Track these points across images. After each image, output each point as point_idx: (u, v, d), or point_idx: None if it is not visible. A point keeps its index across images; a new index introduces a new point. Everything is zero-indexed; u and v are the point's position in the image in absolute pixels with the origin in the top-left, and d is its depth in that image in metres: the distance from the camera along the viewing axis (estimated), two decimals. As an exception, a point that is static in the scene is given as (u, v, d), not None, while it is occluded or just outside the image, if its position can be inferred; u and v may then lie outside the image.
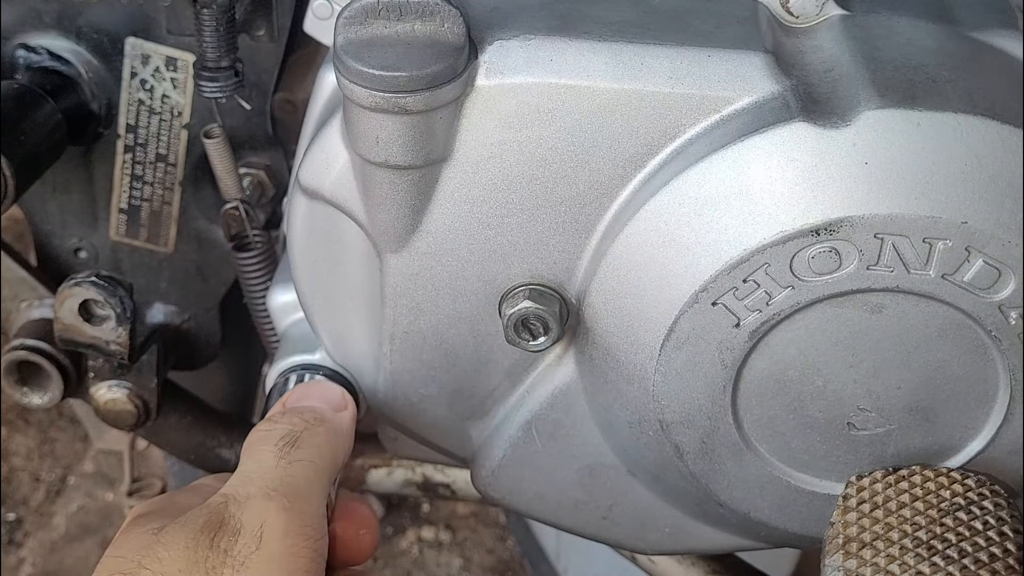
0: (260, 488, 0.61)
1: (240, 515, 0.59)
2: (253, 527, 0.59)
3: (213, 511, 0.60)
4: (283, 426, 0.65)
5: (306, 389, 0.71)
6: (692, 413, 0.66)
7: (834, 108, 0.60)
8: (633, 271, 0.64)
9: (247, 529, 0.59)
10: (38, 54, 0.85)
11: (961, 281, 0.60)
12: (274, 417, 0.66)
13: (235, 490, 0.61)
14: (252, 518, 0.59)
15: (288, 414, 0.66)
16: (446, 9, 0.61)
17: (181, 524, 0.59)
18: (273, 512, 0.59)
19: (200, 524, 0.59)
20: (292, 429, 0.64)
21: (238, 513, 0.60)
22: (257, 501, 0.60)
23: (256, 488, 0.61)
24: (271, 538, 0.59)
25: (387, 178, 0.64)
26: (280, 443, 0.63)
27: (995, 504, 0.64)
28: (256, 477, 0.61)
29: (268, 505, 0.60)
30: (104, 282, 0.80)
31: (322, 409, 0.68)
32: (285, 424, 0.65)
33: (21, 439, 1.73)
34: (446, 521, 1.67)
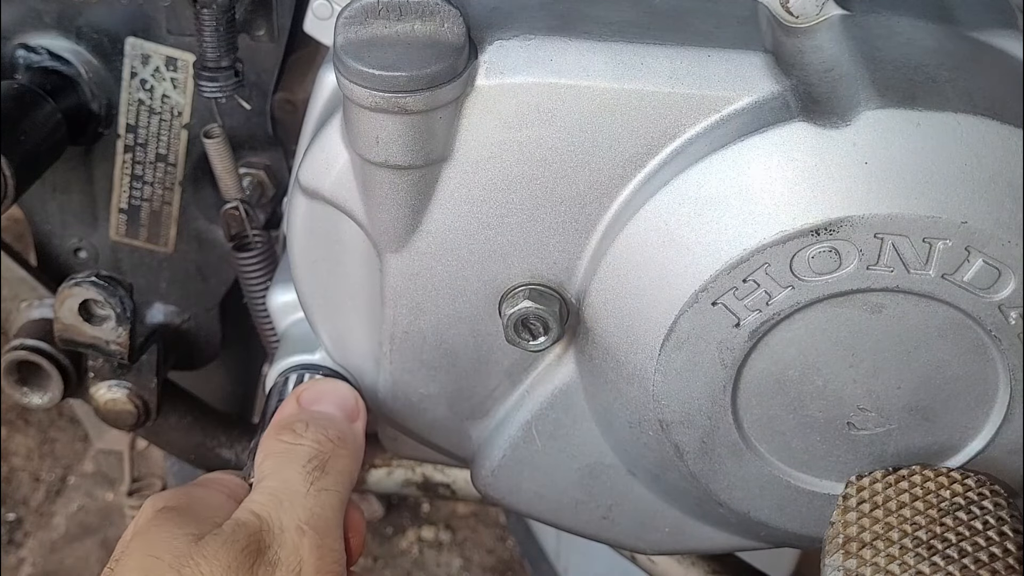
0: (293, 520, 0.62)
1: (277, 548, 0.61)
2: (291, 563, 0.60)
3: (252, 535, 0.61)
4: (310, 446, 0.65)
5: (320, 389, 0.71)
6: (692, 413, 0.66)
7: (834, 108, 0.60)
8: (633, 271, 0.64)
9: (284, 564, 0.60)
10: (38, 54, 0.85)
11: (961, 281, 0.60)
12: (295, 427, 0.66)
13: (268, 514, 0.62)
14: (289, 553, 0.61)
15: (311, 428, 0.66)
16: (446, 9, 0.61)
17: (222, 541, 0.60)
18: (307, 549, 0.61)
19: (241, 546, 0.60)
20: (320, 451, 0.65)
21: (275, 545, 0.61)
22: (292, 535, 0.61)
23: (289, 519, 0.62)
24: (306, 552, 0.61)
25: (387, 178, 0.64)
26: (308, 466, 0.64)
27: (995, 504, 0.64)
28: (287, 503, 0.62)
29: (303, 541, 0.61)
30: (104, 282, 0.80)
31: (341, 422, 0.68)
32: (311, 443, 0.65)
33: (21, 439, 1.73)
34: (446, 521, 1.67)
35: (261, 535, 0.61)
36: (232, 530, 0.61)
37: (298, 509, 0.62)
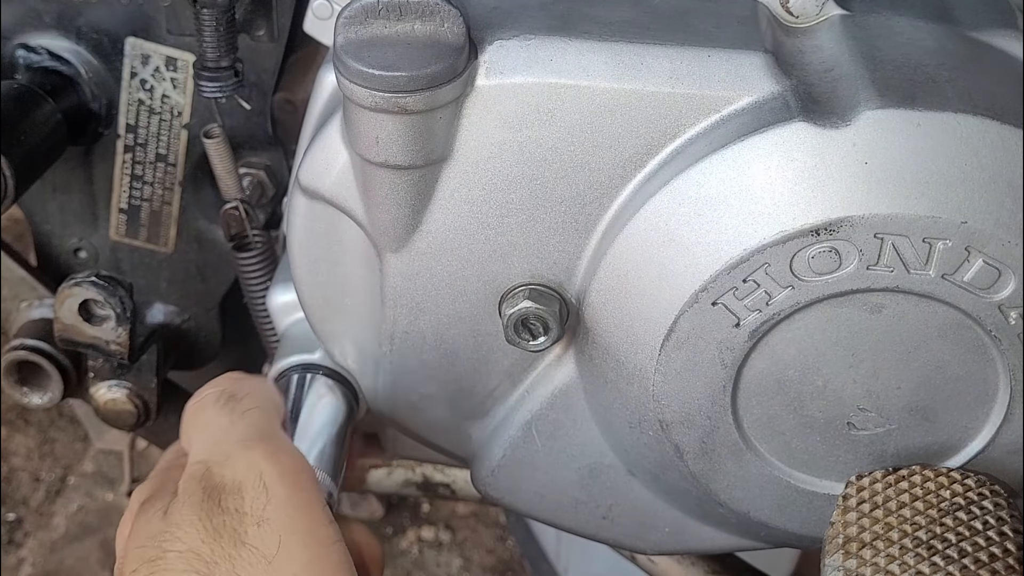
0: (232, 444, 0.62)
1: (232, 473, 0.61)
2: (253, 479, 0.61)
3: (203, 480, 0.61)
4: (212, 391, 0.66)
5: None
6: (692, 413, 0.66)
7: (834, 108, 0.60)
8: (633, 271, 0.64)
9: (248, 482, 0.61)
10: (38, 54, 0.85)
11: (961, 281, 0.60)
12: (193, 398, 0.68)
13: (208, 454, 0.63)
14: (246, 471, 0.61)
15: (207, 386, 0.68)
16: (446, 9, 0.61)
17: (181, 502, 0.61)
18: (261, 459, 0.61)
19: (199, 496, 0.60)
20: (223, 389, 0.66)
21: (228, 472, 0.61)
22: (240, 455, 0.62)
23: (228, 446, 0.62)
24: (273, 483, 0.61)
25: (387, 178, 0.64)
26: (219, 402, 0.65)
27: (995, 504, 0.64)
28: (219, 437, 0.63)
29: (253, 454, 0.62)
30: (104, 282, 0.80)
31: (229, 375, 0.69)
32: (212, 390, 0.67)
33: (21, 439, 1.73)
34: (446, 521, 1.67)
35: (211, 475, 0.61)
36: (185, 487, 0.61)
37: (232, 435, 0.63)
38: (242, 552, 0.59)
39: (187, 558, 0.59)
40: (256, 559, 0.59)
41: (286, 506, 0.60)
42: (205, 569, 0.59)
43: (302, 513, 0.61)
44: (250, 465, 0.62)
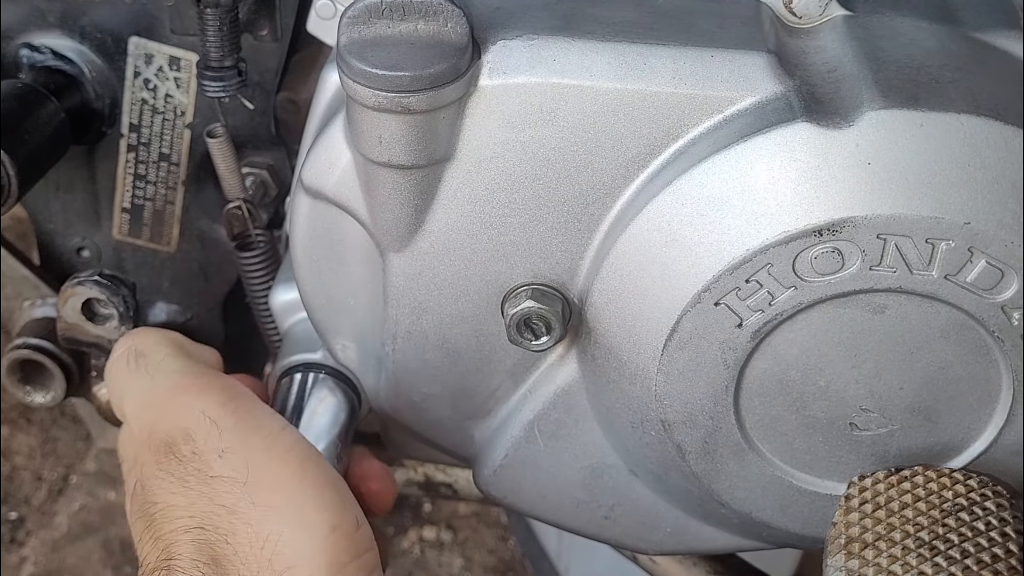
0: (162, 398, 0.65)
1: (174, 423, 0.64)
2: (196, 419, 0.63)
3: (150, 442, 0.64)
4: (118, 355, 0.69)
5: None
6: (694, 413, 0.66)
7: (837, 108, 0.60)
8: (636, 271, 0.64)
9: (192, 424, 0.63)
10: (42, 53, 0.85)
11: (964, 282, 0.60)
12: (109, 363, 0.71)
13: (144, 419, 0.65)
14: (187, 415, 0.63)
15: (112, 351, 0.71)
16: (449, 9, 0.61)
17: (144, 472, 0.63)
18: (196, 399, 0.64)
19: (154, 454, 0.63)
20: (126, 349, 0.69)
21: (170, 424, 0.64)
22: (174, 404, 0.64)
23: (159, 400, 0.65)
24: (217, 414, 0.63)
25: (390, 178, 0.64)
26: (131, 364, 0.68)
27: (997, 505, 0.64)
28: (147, 397, 0.66)
29: (185, 399, 0.64)
30: (107, 281, 0.80)
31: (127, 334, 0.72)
32: (118, 353, 0.69)
33: (23, 438, 1.73)
34: (447, 521, 1.67)
35: (156, 435, 0.64)
36: (139, 458, 0.64)
37: (157, 390, 0.66)
38: (214, 485, 0.61)
39: (168, 514, 0.61)
40: (230, 486, 0.61)
41: (238, 430, 0.63)
42: (189, 516, 0.61)
43: (255, 431, 0.63)
44: (188, 408, 0.64)
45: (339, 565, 0.60)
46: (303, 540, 0.60)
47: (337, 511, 0.61)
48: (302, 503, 0.61)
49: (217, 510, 0.61)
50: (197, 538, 0.60)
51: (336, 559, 0.60)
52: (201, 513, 0.61)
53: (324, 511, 0.61)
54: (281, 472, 0.62)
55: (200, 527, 0.61)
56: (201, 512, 0.61)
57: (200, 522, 0.61)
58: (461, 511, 1.67)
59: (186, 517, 0.61)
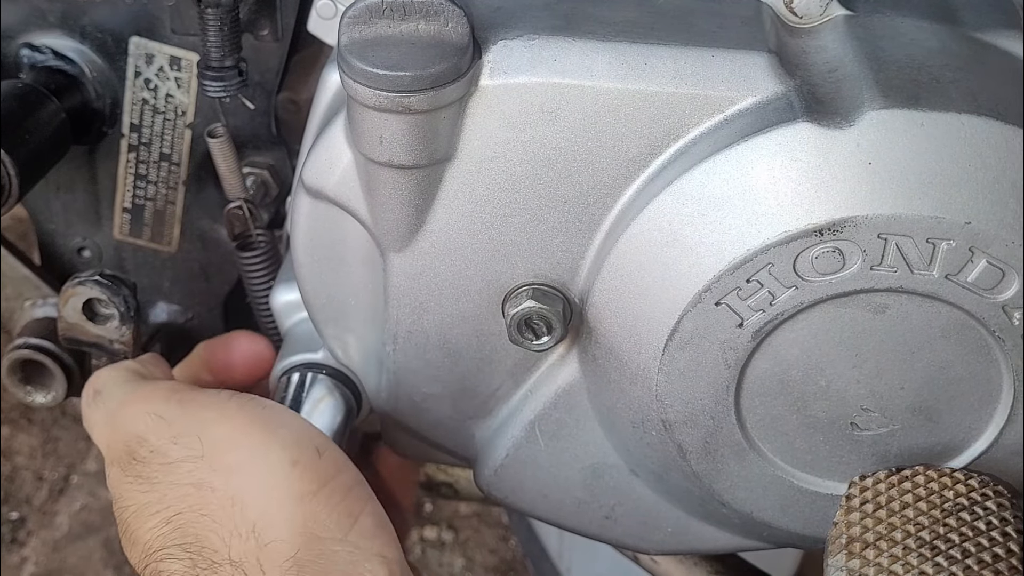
0: (111, 417, 0.69)
1: (127, 433, 0.66)
2: (145, 421, 0.66)
3: (112, 457, 0.67)
4: (84, 399, 0.74)
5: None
6: (695, 413, 0.66)
7: (838, 108, 0.60)
8: (636, 271, 0.64)
9: (143, 426, 0.66)
10: (42, 53, 0.85)
11: (964, 281, 0.60)
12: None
13: (100, 439, 0.69)
14: (136, 422, 0.66)
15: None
16: (450, 9, 0.61)
17: (112, 485, 0.66)
18: (142, 404, 0.67)
19: (118, 468, 0.65)
20: (88, 392, 0.73)
21: (123, 436, 0.66)
22: (123, 418, 0.68)
23: (109, 419, 0.69)
24: (163, 409, 0.66)
25: (391, 177, 0.64)
26: (91, 404, 0.72)
27: (998, 505, 0.64)
28: (105, 425, 0.69)
29: (132, 408, 0.68)
30: (108, 281, 0.80)
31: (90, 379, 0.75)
32: (84, 397, 0.74)
33: (24, 438, 1.73)
34: (449, 521, 1.67)
35: (114, 449, 0.67)
36: (109, 475, 0.67)
37: (107, 411, 0.69)
38: (177, 471, 0.63)
39: (142, 513, 0.63)
40: (191, 465, 0.63)
41: (186, 414, 0.65)
42: (163, 507, 0.62)
43: (204, 408, 0.65)
44: (135, 416, 0.67)
45: (309, 494, 0.61)
46: (266, 483, 0.61)
47: (294, 447, 0.63)
48: (257, 451, 0.62)
49: (185, 492, 0.62)
50: (175, 527, 0.61)
51: (304, 489, 0.61)
52: (172, 501, 0.62)
53: (281, 451, 0.62)
54: (232, 432, 0.63)
55: (176, 514, 0.62)
56: (172, 500, 0.62)
57: (174, 510, 0.62)
58: (462, 511, 1.67)
59: (160, 511, 0.62)
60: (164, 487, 0.63)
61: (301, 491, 0.61)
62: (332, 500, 0.61)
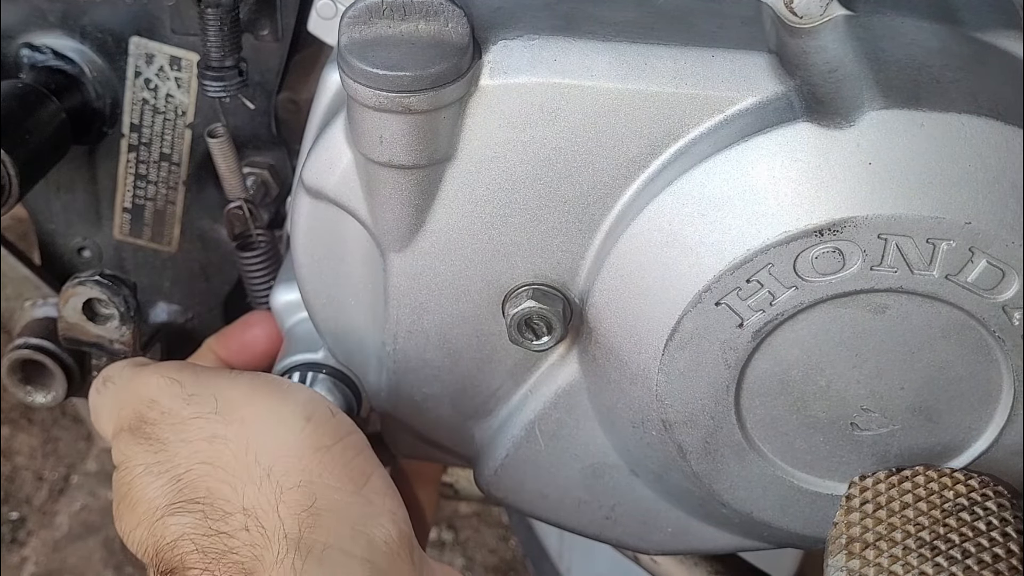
0: (120, 391, 0.69)
1: (139, 398, 0.67)
2: (158, 385, 0.66)
3: (120, 428, 0.67)
4: (92, 389, 0.73)
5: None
6: (695, 413, 0.66)
7: (838, 108, 0.60)
8: (637, 271, 0.64)
9: (156, 390, 0.66)
10: (42, 53, 0.85)
11: (964, 282, 0.60)
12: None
13: (110, 415, 0.69)
14: (148, 387, 0.67)
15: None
16: (450, 9, 0.61)
17: (121, 452, 0.66)
18: (153, 373, 0.68)
19: (128, 433, 0.65)
20: (96, 381, 0.73)
21: (135, 402, 0.67)
22: (134, 387, 0.68)
23: (118, 394, 0.69)
24: (176, 373, 0.67)
25: (391, 178, 0.64)
26: (100, 392, 0.72)
27: (998, 505, 0.64)
28: (115, 404, 0.69)
29: (142, 378, 0.68)
30: (108, 281, 0.80)
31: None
32: (91, 389, 0.74)
33: (24, 438, 1.73)
34: (448, 521, 1.67)
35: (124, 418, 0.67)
36: (115, 444, 0.67)
37: (117, 389, 0.70)
38: (187, 427, 0.63)
39: (148, 470, 0.63)
40: (203, 422, 0.63)
41: (199, 380, 0.65)
42: (168, 461, 0.63)
43: (216, 376, 0.66)
44: (146, 382, 0.67)
45: (324, 448, 0.62)
46: (281, 435, 0.62)
47: (308, 405, 0.64)
48: (272, 407, 0.63)
49: (197, 448, 0.62)
50: (184, 483, 0.61)
51: (318, 443, 0.62)
52: (183, 459, 0.62)
53: (295, 406, 0.64)
54: (248, 391, 0.64)
55: (186, 471, 0.62)
56: (183, 458, 0.62)
57: (184, 467, 0.62)
58: (462, 511, 1.67)
59: (170, 469, 0.62)
60: (175, 445, 0.63)
61: (316, 444, 0.62)
62: (345, 456, 0.63)
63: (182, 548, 0.59)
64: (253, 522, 0.59)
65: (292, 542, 0.58)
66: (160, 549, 0.60)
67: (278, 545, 0.58)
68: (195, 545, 0.59)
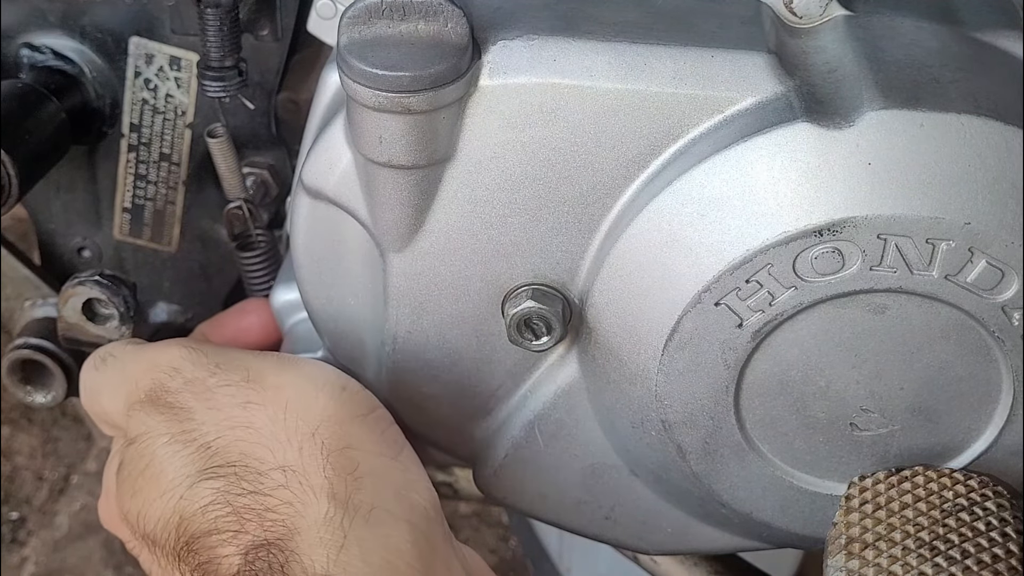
0: (130, 365, 0.69)
1: (160, 367, 0.67)
2: (179, 355, 0.66)
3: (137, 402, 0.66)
4: (86, 366, 0.73)
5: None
6: (695, 413, 0.66)
7: (837, 109, 0.60)
8: (636, 271, 0.64)
9: (177, 359, 0.66)
10: (42, 53, 0.85)
11: (964, 282, 0.60)
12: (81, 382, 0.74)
13: (114, 391, 0.69)
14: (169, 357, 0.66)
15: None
16: (450, 9, 0.61)
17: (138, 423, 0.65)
18: (173, 344, 0.68)
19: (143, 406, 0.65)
20: (93, 359, 0.72)
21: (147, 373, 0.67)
22: (149, 359, 0.67)
23: (128, 367, 0.68)
24: (202, 342, 0.67)
25: (390, 178, 0.64)
26: (99, 367, 0.71)
27: (998, 505, 0.64)
28: (122, 379, 0.69)
29: (160, 349, 0.68)
30: (108, 281, 0.80)
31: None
32: (85, 366, 0.73)
33: (24, 438, 1.73)
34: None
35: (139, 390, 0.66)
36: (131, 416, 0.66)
37: (124, 363, 0.69)
38: (216, 395, 0.62)
39: (174, 440, 0.61)
40: (233, 390, 0.62)
41: (222, 351, 0.65)
42: (195, 430, 0.61)
43: (238, 352, 0.66)
44: (165, 352, 0.66)
45: (360, 416, 0.63)
46: (322, 400, 0.62)
47: (340, 376, 0.65)
48: (308, 375, 0.64)
49: (228, 415, 0.61)
50: (214, 451, 0.60)
51: (356, 411, 0.63)
52: (212, 427, 0.61)
53: (330, 375, 0.64)
54: (277, 364, 0.64)
55: (216, 438, 0.61)
56: (211, 426, 0.61)
57: (214, 435, 0.61)
58: (462, 511, 1.67)
59: (197, 438, 0.61)
60: (203, 413, 0.62)
61: (354, 412, 0.63)
62: (380, 425, 0.64)
63: (214, 512, 0.58)
64: (294, 480, 0.59)
65: (340, 502, 0.58)
66: (187, 517, 0.59)
67: (325, 504, 0.58)
68: (230, 507, 0.58)
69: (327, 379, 0.64)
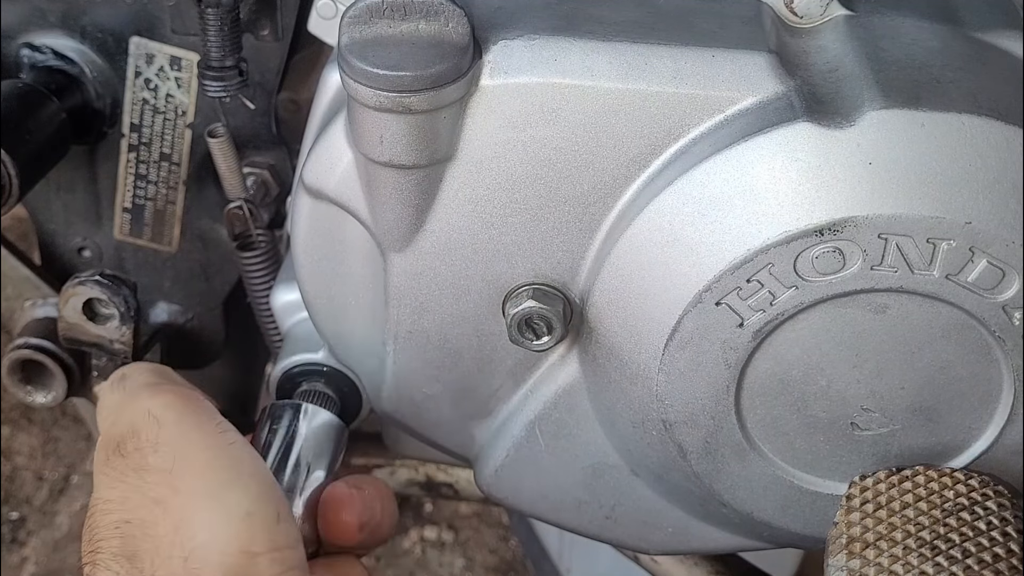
0: (122, 402, 0.67)
1: (125, 423, 0.65)
2: (142, 418, 0.64)
3: (105, 443, 0.65)
4: (106, 383, 0.71)
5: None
6: (695, 413, 0.66)
7: (838, 108, 0.60)
8: (637, 271, 0.64)
9: (139, 422, 0.64)
10: (43, 53, 0.85)
11: (965, 281, 0.60)
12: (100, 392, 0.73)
13: (104, 420, 0.68)
14: (136, 415, 0.64)
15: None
16: (450, 9, 0.61)
17: (95, 471, 0.65)
18: (148, 400, 0.65)
19: (103, 456, 0.64)
20: (114, 377, 0.71)
21: (122, 425, 0.65)
22: (129, 407, 0.66)
23: (119, 404, 0.67)
24: (161, 413, 0.64)
25: (391, 177, 0.64)
26: (114, 388, 0.69)
27: (999, 504, 0.64)
28: (116, 408, 0.67)
29: (139, 401, 0.65)
30: (108, 281, 0.80)
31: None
32: (106, 383, 0.71)
33: (24, 438, 1.73)
34: (449, 521, 1.67)
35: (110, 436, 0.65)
36: (95, 459, 0.66)
37: (122, 396, 0.68)
38: (146, 478, 0.62)
39: (104, 508, 0.62)
40: (160, 477, 0.62)
41: (177, 426, 0.64)
42: (121, 510, 0.62)
43: (194, 428, 0.64)
44: (138, 409, 0.65)
45: (250, 554, 0.59)
46: (216, 522, 0.60)
47: (257, 500, 0.61)
48: (221, 488, 0.61)
49: (145, 502, 0.61)
50: (123, 532, 0.61)
51: (248, 546, 0.59)
52: (132, 506, 0.62)
53: (242, 497, 0.61)
54: (209, 461, 0.62)
55: (127, 521, 0.61)
56: (132, 505, 0.62)
57: (128, 515, 0.61)
58: (462, 511, 1.67)
59: (119, 511, 0.62)
60: (130, 489, 0.62)
61: (246, 547, 0.59)
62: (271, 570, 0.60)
63: None
64: None
65: None
66: None
67: None
68: None
69: (237, 500, 0.61)
